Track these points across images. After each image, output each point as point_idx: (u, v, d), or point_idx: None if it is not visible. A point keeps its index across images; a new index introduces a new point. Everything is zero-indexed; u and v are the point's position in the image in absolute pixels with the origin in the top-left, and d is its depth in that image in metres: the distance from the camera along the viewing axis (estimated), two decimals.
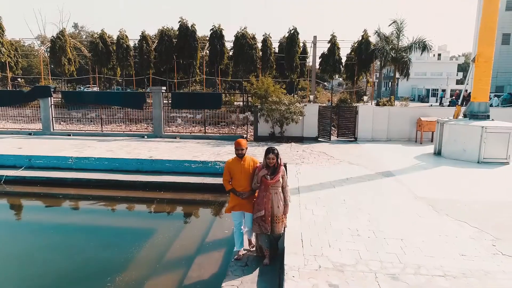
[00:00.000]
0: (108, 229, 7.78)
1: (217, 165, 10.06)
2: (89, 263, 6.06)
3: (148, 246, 6.63)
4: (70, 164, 10.47)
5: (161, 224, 7.91)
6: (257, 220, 4.85)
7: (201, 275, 5.48)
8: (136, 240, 6.79)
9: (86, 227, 7.77)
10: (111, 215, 8.55)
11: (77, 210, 8.89)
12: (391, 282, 4.01)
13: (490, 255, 4.72)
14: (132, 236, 7.26)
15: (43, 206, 9.07)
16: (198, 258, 6.01)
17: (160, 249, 6.43)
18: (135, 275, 5.58)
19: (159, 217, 8.62)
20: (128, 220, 8.40)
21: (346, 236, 5.22)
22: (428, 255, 4.67)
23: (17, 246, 6.77)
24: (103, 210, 8.78)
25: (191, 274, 5.49)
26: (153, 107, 14.64)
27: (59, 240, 7.04)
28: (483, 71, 10.91)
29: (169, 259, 6.18)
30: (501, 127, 10.35)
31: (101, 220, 8.20)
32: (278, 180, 4.80)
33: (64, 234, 7.35)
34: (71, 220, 8.28)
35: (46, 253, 6.46)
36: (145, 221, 8.36)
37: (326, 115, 14.65)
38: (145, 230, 7.64)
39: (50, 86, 16.50)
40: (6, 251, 6.56)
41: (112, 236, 7.31)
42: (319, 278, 4.05)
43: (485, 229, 5.59)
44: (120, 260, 6.01)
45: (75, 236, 7.27)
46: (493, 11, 10.71)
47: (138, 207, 9.13)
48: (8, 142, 13.23)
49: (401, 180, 8.42)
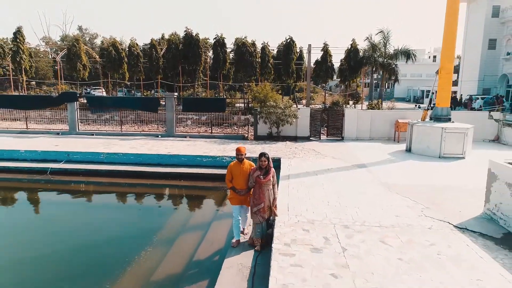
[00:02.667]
0: (144, 207, 9.98)
1: (223, 159, 12.24)
2: (134, 226, 8.27)
3: (173, 218, 8.85)
4: (102, 158, 12.65)
5: (182, 203, 10.13)
6: (257, 212, 5.97)
7: (215, 236, 7.67)
8: (164, 214, 9.03)
9: (126, 205, 9.98)
10: (141, 197, 10.74)
11: (112, 194, 11.07)
12: (343, 229, 6.19)
13: (416, 216, 6.91)
14: (160, 211, 9.49)
15: (85, 191, 11.25)
16: (213, 224, 8.21)
17: (181, 221, 8.64)
18: (167, 234, 7.79)
19: (179, 198, 10.86)
20: (154, 201, 10.59)
21: (319, 206, 7.40)
22: (373, 216, 6.85)
23: (71, 220, 8.97)
24: (134, 194, 10.97)
25: (208, 236, 7.65)
26: (166, 110, 16.83)
27: (104, 213, 9.25)
28: (445, 82, 13.10)
29: (189, 226, 8.40)
30: (458, 128, 12.54)
31: (135, 201, 10.41)
32: (269, 179, 5.94)
33: (107, 209, 9.58)
34: (111, 200, 10.49)
35: (96, 223, 8.67)
36: (169, 201, 10.59)
37: (317, 117, 16.85)
38: (169, 207, 9.88)
39: (76, 92, 18.68)
40: (61, 225, 8.74)
41: (147, 211, 9.51)
42: (297, 226, 6.24)
43: (421, 202, 7.77)
44: (157, 225, 8.21)
45: (118, 210, 9.49)
46: (453, 33, 12.84)
47: (161, 191, 11.32)
48: (43, 140, 15.39)
49: (371, 171, 10.61)
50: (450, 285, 4.50)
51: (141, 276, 6.07)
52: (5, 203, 10.33)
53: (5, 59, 26.95)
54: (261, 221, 5.98)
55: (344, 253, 5.30)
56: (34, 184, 11.46)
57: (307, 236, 5.86)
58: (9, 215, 9.45)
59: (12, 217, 9.30)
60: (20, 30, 26.91)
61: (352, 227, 6.27)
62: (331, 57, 26.03)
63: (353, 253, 5.29)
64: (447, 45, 12.94)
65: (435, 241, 5.79)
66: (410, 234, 6.05)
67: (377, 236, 5.94)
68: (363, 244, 5.62)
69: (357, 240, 5.74)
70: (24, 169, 12.18)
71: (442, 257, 5.24)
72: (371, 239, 5.81)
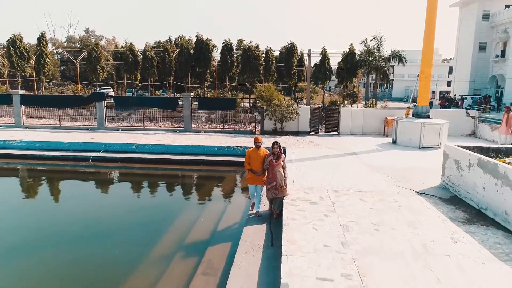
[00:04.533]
0: (174, 185, 12.31)
1: (237, 149, 14.56)
2: (169, 199, 10.61)
3: (199, 194, 11.18)
4: (134, 148, 14.95)
5: (204, 184, 12.45)
6: (270, 189, 7.41)
7: (234, 207, 9.98)
8: (191, 191, 11.36)
9: (159, 184, 12.33)
10: (171, 178, 13.06)
11: (146, 176, 13.39)
12: (333, 192, 8.50)
13: (389, 186, 9.22)
14: (187, 189, 11.82)
15: (123, 173, 13.58)
16: (232, 198, 10.54)
17: (206, 196, 10.97)
18: (195, 207, 10.13)
19: (203, 179, 13.20)
20: (182, 181, 12.90)
21: (316, 179, 9.71)
22: (356, 185, 9.16)
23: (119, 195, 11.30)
24: (164, 176, 13.30)
25: (228, 207, 9.95)
26: (184, 108, 19.16)
27: (143, 189, 11.58)
28: (425, 84, 15.40)
29: (212, 200, 10.74)
30: (435, 123, 14.84)
31: (166, 181, 12.73)
32: (280, 163, 7.41)
33: (145, 186, 11.91)
34: (146, 180, 12.81)
35: (140, 196, 11.00)
36: (194, 181, 12.92)
37: (316, 115, 19.17)
38: (195, 186, 12.22)
39: (104, 92, 20.97)
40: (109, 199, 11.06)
41: (178, 189, 11.85)
42: (300, 190, 8.55)
43: (395, 178, 10.06)
44: (187, 199, 10.54)
45: (154, 187, 11.82)
46: (430, 44, 15.12)
47: (187, 174, 13.65)
48: (78, 135, 17.69)
49: (360, 157, 12.92)
50: (402, 220, 6.81)
51: (181, 234, 8.17)
52: (59, 185, 12.66)
53: (30, 61, 29.25)
54: (273, 196, 7.46)
55: (333, 205, 7.60)
56: (80, 168, 13.83)
57: (307, 196, 8.17)
58: (64, 194, 11.77)
59: (65, 195, 11.60)
60: (43, 35, 29.30)
61: (340, 191, 8.59)
62: (329, 60, 28.38)
63: (339, 205, 7.60)
64: (426, 53, 15.24)
65: (399, 199, 8.09)
66: (382, 195, 8.36)
67: (357, 196, 8.25)
68: (347, 200, 7.93)
69: (343, 198, 8.05)
70: (70, 157, 14.51)
71: (401, 207, 7.55)
72: (353, 198, 8.12)
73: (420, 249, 5.60)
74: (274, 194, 7.50)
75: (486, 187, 7.26)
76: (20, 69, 28.40)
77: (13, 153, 14.83)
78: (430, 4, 14.85)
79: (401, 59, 27.24)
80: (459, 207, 7.73)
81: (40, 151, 14.92)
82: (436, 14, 15.04)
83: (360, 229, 6.33)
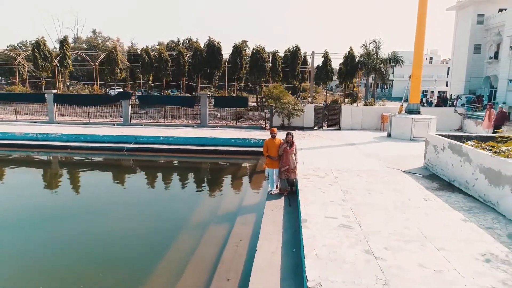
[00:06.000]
0: (199, 170, 14.50)
1: (252, 140, 16.73)
2: (197, 179, 12.81)
3: (222, 177, 13.36)
4: (161, 140, 17.14)
5: (226, 168, 14.63)
6: (283, 172, 9.08)
7: (254, 186, 12.15)
8: (214, 175, 13.52)
9: (186, 169, 14.53)
10: (195, 164, 15.25)
11: (177, 163, 15.58)
12: (336, 170, 10.67)
13: (381, 167, 11.37)
14: (212, 173, 14.00)
15: (154, 161, 15.79)
16: (252, 180, 12.72)
17: (228, 179, 13.17)
18: (219, 187, 12.31)
19: (223, 165, 15.39)
20: (207, 166, 15.06)
21: (322, 162, 11.87)
22: (354, 166, 11.32)
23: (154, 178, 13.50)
24: (190, 163, 15.49)
25: (249, 187, 12.13)
26: (201, 106, 21.35)
27: (174, 173, 13.79)
28: (416, 85, 17.54)
29: (234, 182, 12.92)
30: (424, 118, 16.98)
31: (192, 167, 14.93)
32: (293, 150, 9.24)
33: (174, 171, 14.12)
34: (178, 166, 15.01)
35: (172, 180, 13.21)
36: (217, 165, 15.12)
37: (319, 112, 21.33)
38: (219, 169, 14.42)
39: (130, 92, 23.17)
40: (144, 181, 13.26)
41: (203, 173, 14.04)
42: (309, 169, 10.71)
43: (387, 161, 12.21)
44: (212, 181, 12.73)
45: (182, 171, 14.02)
46: (421, 47, 17.24)
47: (210, 161, 15.85)
48: (108, 129, 19.87)
49: (358, 147, 15.08)
50: (389, 188, 8.96)
51: (214, 205, 10.37)
52: (100, 170, 14.88)
53: (52, 64, 31.49)
54: (286, 177, 9.25)
55: (336, 179, 9.76)
56: (115, 157, 16.05)
57: (315, 173, 10.34)
58: (105, 178, 13.97)
59: (107, 179, 13.80)
60: (66, 38, 31.57)
61: (341, 170, 10.75)
62: (330, 62, 30.55)
63: (341, 179, 9.76)
64: (416, 57, 17.38)
65: (387, 176, 10.25)
66: (375, 173, 10.52)
67: (355, 173, 10.41)
68: (347, 176, 10.09)
69: (343, 175, 10.21)
70: (106, 148, 16.71)
71: (389, 181, 9.70)
72: (351, 174, 10.27)
73: (399, 204, 7.75)
74: (287, 176, 9.42)
75: (454, 164, 9.41)
76: (43, 70, 30.63)
77: (56, 144, 17.04)
78: (420, 14, 16.97)
79: (398, 61, 29.42)
80: (434, 180, 9.88)
81: (79, 143, 17.13)
82: (425, 23, 17.14)
83: (356, 193, 8.49)
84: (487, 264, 5.08)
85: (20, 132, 17.91)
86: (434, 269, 4.91)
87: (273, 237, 6.73)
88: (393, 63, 29.68)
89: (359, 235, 6.02)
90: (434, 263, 5.08)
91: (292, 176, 9.31)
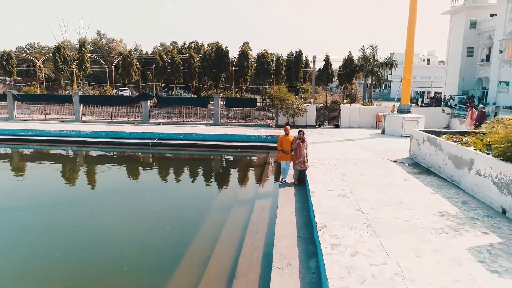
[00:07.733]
0: (218, 162, 16.75)
1: (261, 137, 18.97)
2: (216, 170, 15.07)
3: (238, 168, 15.60)
4: (181, 137, 19.37)
5: (240, 161, 16.89)
6: (298, 163, 10.59)
7: (268, 177, 14.37)
8: (231, 166, 15.76)
9: (205, 161, 16.79)
10: (213, 157, 17.49)
11: (197, 156, 17.82)
12: (336, 160, 12.91)
13: (374, 157, 13.61)
14: (229, 165, 16.25)
15: (176, 154, 18.03)
16: (265, 171, 14.96)
17: (243, 170, 15.41)
18: (236, 177, 14.55)
19: (238, 158, 17.65)
20: (224, 159, 17.29)
21: (324, 154, 14.11)
22: (351, 157, 13.56)
23: (179, 169, 15.76)
24: (208, 156, 17.74)
25: (264, 177, 14.35)
26: (214, 106, 23.57)
27: (195, 165, 16.06)
28: (407, 87, 19.78)
29: (249, 173, 15.16)
30: (413, 117, 19.23)
31: (209, 159, 17.17)
32: (305, 145, 10.81)
33: (195, 163, 16.38)
34: (198, 159, 17.24)
35: (192, 170, 15.46)
36: (233, 159, 17.36)
37: (320, 112, 23.58)
38: (234, 161, 16.66)
39: (149, 93, 25.38)
40: (170, 171, 15.51)
41: (221, 164, 16.29)
42: (314, 159, 12.95)
43: (379, 153, 14.46)
44: (229, 171, 14.98)
45: (202, 162, 16.27)
46: (410, 54, 19.47)
47: (226, 155, 18.08)
48: (131, 127, 22.09)
49: (355, 142, 17.32)
50: (378, 172, 11.19)
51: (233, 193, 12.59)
52: (128, 163, 17.12)
53: (71, 66, 33.75)
54: (299, 168, 11.05)
55: (336, 166, 12.00)
56: (141, 151, 18.31)
57: (319, 161, 12.59)
58: (132, 169, 16.21)
59: (134, 171, 16.04)
60: (84, 42, 33.82)
61: (341, 160, 13.00)
62: (331, 66, 32.83)
63: (339, 166, 12.00)
64: (407, 63, 19.62)
65: (378, 164, 12.49)
66: (368, 162, 12.76)
67: (352, 162, 12.65)
68: (345, 164, 12.33)
69: (342, 163, 12.45)
70: (133, 143, 18.94)
71: (379, 167, 11.94)
72: (348, 163, 12.52)
73: (385, 183, 9.99)
74: (300, 167, 11.37)
75: (431, 153, 11.64)
76: (63, 73, 32.87)
77: (88, 140, 19.27)
78: (410, 25, 19.21)
79: (393, 65, 31.75)
80: (416, 167, 12.13)
81: (109, 139, 19.35)
82: (414, 34, 19.37)
83: (352, 175, 10.74)
84: (441, 217, 7.31)
85: (55, 129, 20.13)
86: (403, 219, 7.15)
87: (288, 205, 8.97)
88: (388, 66, 31.98)
89: (352, 201, 8.26)
90: (404, 216, 7.32)
91: (304, 166, 11.07)
